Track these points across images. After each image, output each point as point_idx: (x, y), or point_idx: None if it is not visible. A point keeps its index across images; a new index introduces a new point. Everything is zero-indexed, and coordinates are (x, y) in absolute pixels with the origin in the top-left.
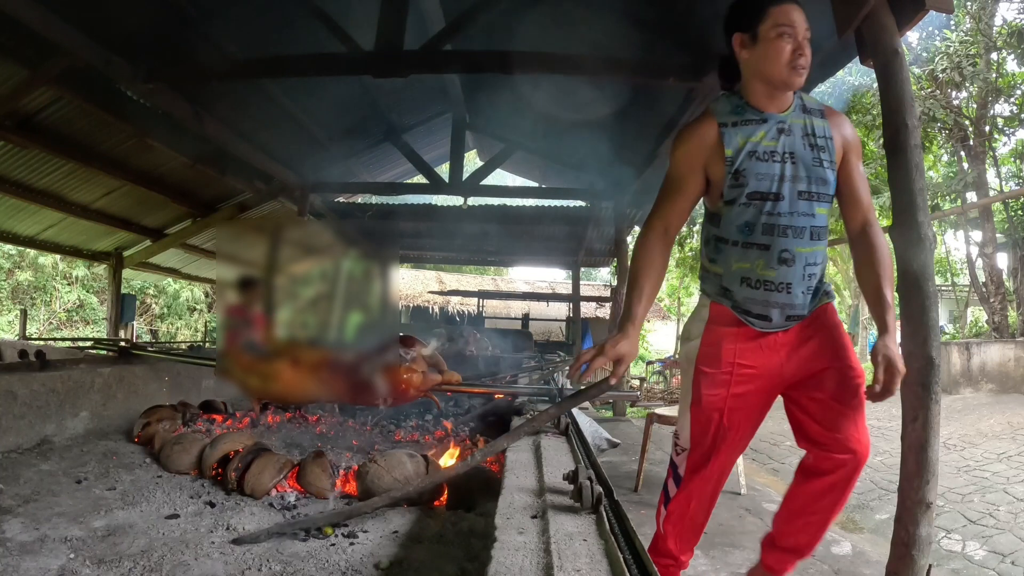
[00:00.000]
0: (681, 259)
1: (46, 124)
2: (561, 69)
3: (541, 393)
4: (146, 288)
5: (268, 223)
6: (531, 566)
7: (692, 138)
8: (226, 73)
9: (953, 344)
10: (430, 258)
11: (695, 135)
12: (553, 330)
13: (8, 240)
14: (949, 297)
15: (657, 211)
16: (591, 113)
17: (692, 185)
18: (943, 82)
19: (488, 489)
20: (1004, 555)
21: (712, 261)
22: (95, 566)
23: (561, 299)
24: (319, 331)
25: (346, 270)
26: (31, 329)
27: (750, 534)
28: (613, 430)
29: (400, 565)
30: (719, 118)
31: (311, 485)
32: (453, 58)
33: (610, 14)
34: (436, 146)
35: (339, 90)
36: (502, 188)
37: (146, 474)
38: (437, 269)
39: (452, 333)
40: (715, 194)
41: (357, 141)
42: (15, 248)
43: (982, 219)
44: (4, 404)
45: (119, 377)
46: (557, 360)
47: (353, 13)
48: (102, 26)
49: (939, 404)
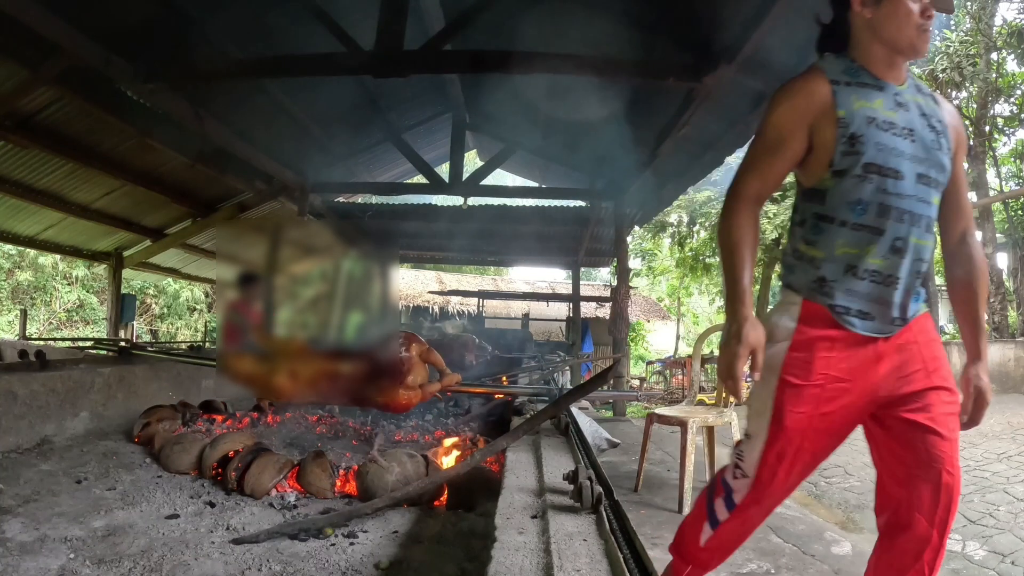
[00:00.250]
0: (681, 259)
1: (46, 124)
2: (561, 69)
3: (541, 393)
4: (146, 288)
5: (268, 223)
6: (531, 566)
7: (799, 93)
8: (226, 73)
9: (953, 344)
10: (430, 258)
11: (803, 90)
12: (553, 330)
13: (8, 240)
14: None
15: (749, 174)
16: (591, 113)
17: (794, 147)
18: (943, 82)
19: (488, 489)
20: (1004, 555)
21: (810, 244)
22: (95, 566)
23: (561, 299)
24: (319, 332)
25: (346, 270)
26: (31, 329)
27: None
28: (613, 430)
29: (400, 565)
30: (830, 75)
31: (311, 485)
32: (453, 58)
33: (610, 14)
34: (436, 146)
35: (339, 90)
36: (502, 188)
37: (146, 474)
38: (437, 269)
39: (450, 338)
40: (819, 163)
41: (357, 141)
42: (15, 248)
43: (982, 219)
44: (4, 404)
45: (119, 377)
46: (557, 360)
47: (353, 13)
48: (102, 26)
49: None
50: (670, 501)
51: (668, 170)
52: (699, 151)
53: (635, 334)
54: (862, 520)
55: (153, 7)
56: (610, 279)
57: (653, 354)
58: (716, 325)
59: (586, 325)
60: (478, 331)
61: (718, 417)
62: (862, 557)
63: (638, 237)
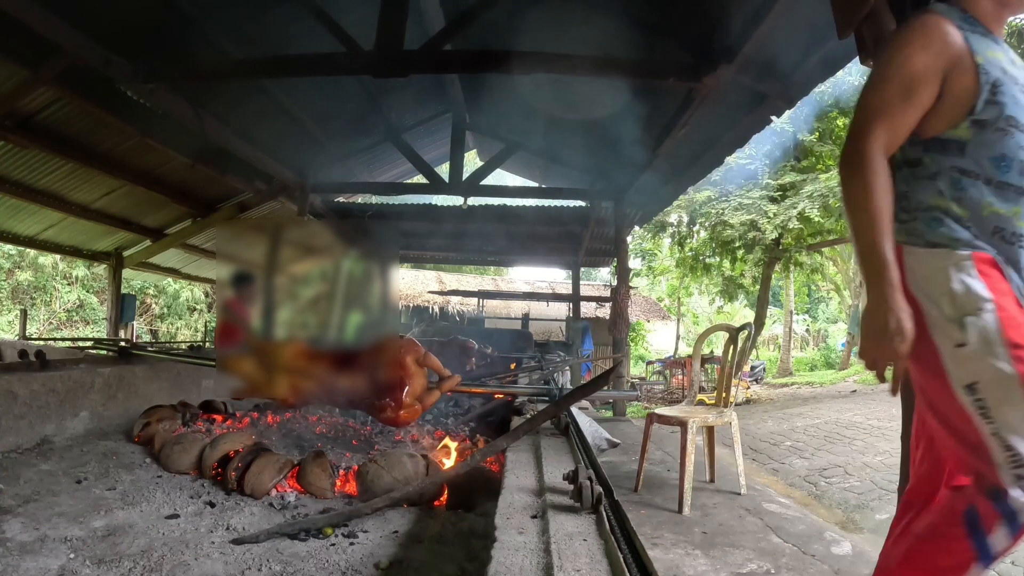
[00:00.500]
0: (681, 259)
1: (46, 124)
2: (561, 69)
3: (541, 393)
4: (146, 288)
5: (268, 223)
6: (531, 566)
7: (935, 34)
8: (226, 73)
9: None
10: (430, 258)
11: (938, 31)
12: (553, 330)
13: (8, 240)
14: None
15: (878, 123)
16: (591, 113)
17: (929, 93)
18: None
19: (488, 489)
20: None
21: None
22: (95, 566)
23: (561, 299)
24: (318, 334)
25: (346, 270)
26: (31, 329)
27: (750, 534)
28: (613, 430)
29: (400, 565)
30: (953, 20)
31: (311, 485)
32: (453, 58)
33: (610, 14)
34: (436, 146)
35: (339, 90)
36: (502, 188)
37: (146, 474)
38: (437, 269)
39: (449, 342)
40: (954, 112)
41: (357, 141)
42: (15, 248)
43: None
44: (4, 404)
45: (119, 377)
46: (557, 360)
47: (353, 13)
48: (102, 26)
49: None
50: (670, 501)
51: (668, 170)
52: (699, 151)
53: (635, 334)
54: (862, 520)
55: (153, 7)
56: (610, 279)
57: (653, 354)
58: (716, 325)
59: (586, 325)
60: (478, 331)
61: (718, 417)
62: (862, 557)
63: (638, 237)
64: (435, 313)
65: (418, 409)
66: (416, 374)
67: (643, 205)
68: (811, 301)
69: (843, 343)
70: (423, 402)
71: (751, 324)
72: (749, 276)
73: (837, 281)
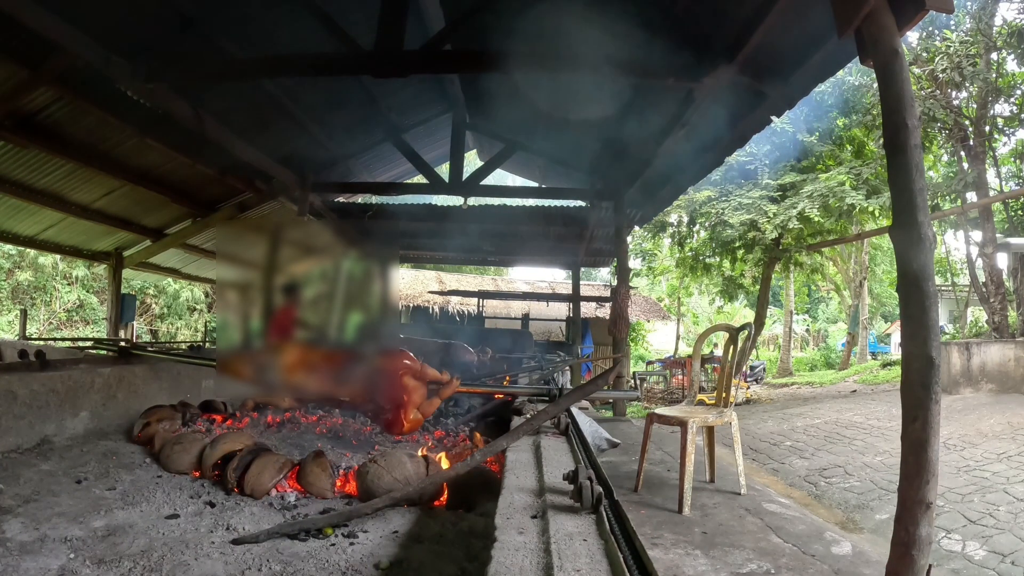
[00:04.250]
0: (681, 259)
1: (46, 124)
2: (561, 69)
3: (541, 393)
4: (146, 288)
5: (268, 223)
6: (531, 566)
7: None
8: (226, 73)
9: (953, 344)
10: (430, 258)
11: None
12: (553, 330)
13: (8, 240)
14: (949, 297)
15: None
16: (591, 113)
17: None
18: (943, 82)
19: (488, 489)
20: (1004, 555)
21: None
22: (95, 566)
23: (561, 299)
24: (318, 335)
25: (346, 270)
26: (31, 329)
27: (750, 534)
28: (613, 430)
29: (400, 565)
30: None
31: (311, 485)
32: (453, 58)
33: (610, 14)
34: (436, 146)
35: (339, 90)
36: (502, 188)
37: (146, 474)
38: (437, 269)
39: (448, 348)
40: None
41: (357, 141)
42: (15, 248)
43: (982, 219)
44: (4, 404)
45: (119, 377)
46: (557, 360)
47: (353, 13)
48: (102, 26)
49: (939, 404)
50: (670, 501)
51: (668, 170)
52: (699, 151)
53: (635, 334)
54: (862, 520)
55: (153, 7)
56: (610, 279)
57: (653, 354)
58: (716, 325)
59: (586, 325)
60: (478, 331)
61: (718, 417)
62: (862, 557)
63: (638, 237)
64: (435, 313)
65: (420, 419)
66: (415, 389)
67: (643, 205)
68: (811, 301)
69: (843, 343)
70: (424, 411)
71: (751, 324)
72: (749, 276)
73: (837, 281)
